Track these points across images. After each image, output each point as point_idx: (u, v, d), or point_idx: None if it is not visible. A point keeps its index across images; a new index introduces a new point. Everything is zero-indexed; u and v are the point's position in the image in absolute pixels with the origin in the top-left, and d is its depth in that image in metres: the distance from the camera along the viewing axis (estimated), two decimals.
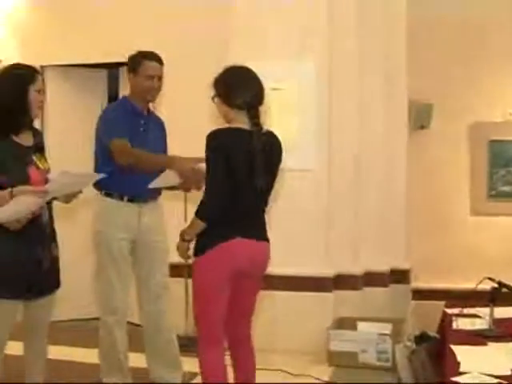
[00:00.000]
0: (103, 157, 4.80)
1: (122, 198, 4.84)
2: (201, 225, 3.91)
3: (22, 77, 4.09)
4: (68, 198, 4.19)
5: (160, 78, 4.94)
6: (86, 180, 4.26)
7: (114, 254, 4.83)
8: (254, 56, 5.92)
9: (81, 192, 4.28)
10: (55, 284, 4.26)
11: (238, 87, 4.04)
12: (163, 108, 6.13)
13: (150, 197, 4.94)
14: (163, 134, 5.16)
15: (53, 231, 4.21)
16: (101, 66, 7.28)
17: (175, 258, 5.62)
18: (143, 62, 4.89)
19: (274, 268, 5.84)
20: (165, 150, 5.13)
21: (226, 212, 3.89)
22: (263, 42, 5.99)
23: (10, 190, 3.83)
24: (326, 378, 5.41)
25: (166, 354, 5.04)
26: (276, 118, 5.79)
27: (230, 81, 4.09)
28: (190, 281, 6.18)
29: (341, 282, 6.12)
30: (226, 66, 4.14)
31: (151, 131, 4.98)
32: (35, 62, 6.77)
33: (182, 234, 4.03)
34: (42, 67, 6.95)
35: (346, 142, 6.15)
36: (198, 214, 3.91)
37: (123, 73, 5.74)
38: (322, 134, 6.01)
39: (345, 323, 5.88)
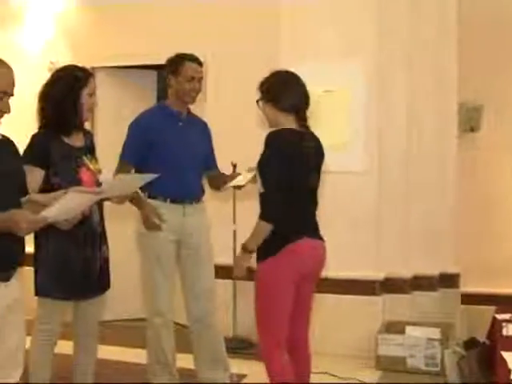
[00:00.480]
0: None
1: (165, 200, 4.84)
2: (267, 228, 3.86)
3: (76, 80, 4.14)
4: (121, 199, 4.23)
5: (200, 80, 4.94)
6: (140, 181, 4.27)
7: (159, 256, 4.84)
8: (304, 58, 5.91)
9: (136, 193, 4.34)
10: (105, 285, 4.30)
11: (287, 90, 4.05)
12: (211, 111, 6.16)
13: (193, 198, 4.93)
14: (206, 136, 5.14)
15: (103, 232, 4.25)
16: (150, 68, 7.32)
17: (222, 259, 5.67)
18: (184, 63, 4.89)
19: (323, 271, 5.87)
20: (209, 151, 5.13)
21: (287, 212, 3.88)
22: (313, 45, 5.97)
23: (64, 191, 3.87)
24: (373, 382, 5.38)
25: (213, 355, 5.04)
26: (326, 120, 5.79)
27: (279, 84, 4.09)
28: (238, 283, 6.27)
29: (390, 285, 6.07)
30: (272, 70, 4.17)
31: (192, 133, 4.96)
32: (86, 64, 6.88)
33: (246, 246, 3.95)
34: (92, 68, 7.03)
35: (396, 145, 6.10)
36: (263, 216, 3.87)
37: (168, 73, 5.75)
38: (371, 136, 5.98)
39: (393, 327, 5.83)
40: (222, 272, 5.45)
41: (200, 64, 4.96)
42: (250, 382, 5.35)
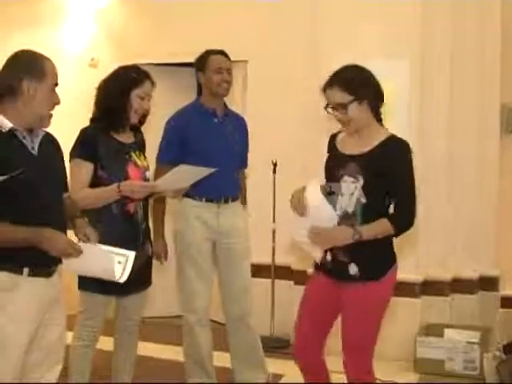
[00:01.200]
0: None
1: (200, 199, 4.83)
2: (390, 233, 3.69)
3: (129, 79, 4.17)
4: (176, 193, 4.25)
5: (228, 71, 4.92)
6: (197, 175, 4.27)
7: (193, 254, 4.84)
8: (346, 56, 5.84)
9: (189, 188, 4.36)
10: (146, 282, 4.34)
11: (380, 87, 3.78)
12: (251, 111, 6.16)
13: (229, 196, 4.91)
14: (243, 132, 5.11)
15: (147, 229, 4.29)
16: (192, 65, 7.31)
17: (260, 258, 5.66)
18: (209, 57, 4.92)
19: None
20: (244, 148, 5.11)
21: None
22: (356, 42, 5.92)
23: (117, 184, 3.93)
24: None
25: (249, 355, 5.04)
26: None
27: (375, 81, 3.77)
28: (277, 282, 6.26)
29: (429, 287, 6.03)
30: (347, 64, 3.84)
31: (228, 130, 4.94)
32: (126, 60, 6.96)
33: (362, 232, 3.61)
34: None
35: (437, 145, 6.05)
36: (404, 223, 3.72)
37: (196, 71, 5.76)
38: (413, 135, 5.91)
39: (432, 330, 5.78)
40: (261, 271, 5.44)
41: (226, 56, 4.96)
42: (286, 382, 5.33)
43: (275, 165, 5.53)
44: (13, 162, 3.23)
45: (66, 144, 3.89)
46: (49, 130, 3.52)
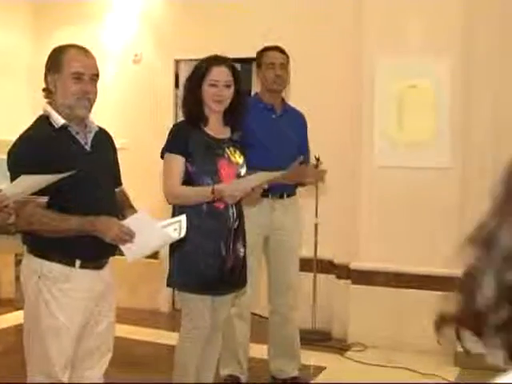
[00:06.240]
0: None
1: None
2: None
3: (197, 70, 4.06)
4: (252, 201, 4.22)
5: (283, 66, 4.97)
6: (272, 176, 4.23)
7: None
8: (389, 53, 5.89)
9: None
10: (241, 283, 4.19)
11: None
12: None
13: (285, 193, 4.94)
14: (301, 127, 5.13)
15: (240, 229, 4.09)
16: (234, 61, 7.33)
17: (303, 252, 5.70)
18: (264, 53, 5.00)
19: (404, 266, 5.83)
20: (303, 144, 5.10)
21: None
22: (399, 39, 5.93)
23: (212, 187, 3.84)
24: (452, 379, 5.34)
25: (287, 346, 5.09)
26: (411, 115, 5.76)
27: None
28: (318, 275, 6.29)
29: None
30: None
31: (285, 125, 4.97)
32: (169, 56, 7.07)
33: None
34: (176, 61, 7.14)
35: (482, 142, 6.01)
36: None
37: (255, 67, 5.81)
38: (456, 132, 5.91)
39: None
40: (303, 264, 5.48)
41: (281, 51, 5.01)
42: (329, 374, 5.37)
43: (318, 159, 5.53)
44: (66, 158, 3.32)
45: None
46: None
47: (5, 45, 7.29)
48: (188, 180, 3.95)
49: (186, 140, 3.96)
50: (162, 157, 4.04)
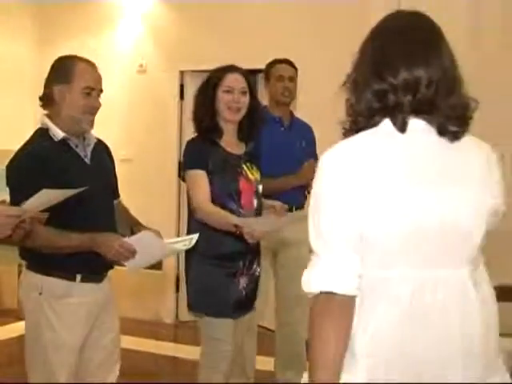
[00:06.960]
0: None
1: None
2: None
3: (210, 79, 3.85)
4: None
5: (291, 79, 4.96)
6: (297, 218, 4.21)
7: None
8: None
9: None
10: (247, 305, 3.96)
11: None
12: (302, 116, 6.14)
13: (294, 206, 4.79)
14: (310, 140, 5.08)
15: (256, 249, 3.93)
16: None
17: None
18: (274, 65, 4.99)
19: None
20: (311, 156, 4.95)
21: None
22: None
23: (235, 224, 3.56)
24: None
25: (293, 358, 5.02)
26: None
27: None
28: None
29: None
30: None
31: (294, 138, 4.95)
32: (174, 67, 7.04)
33: None
34: (181, 72, 7.11)
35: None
36: None
37: (260, 79, 5.79)
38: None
39: None
40: None
41: (290, 64, 5.01)
42: None
43: None
44: (68, 172, 3.29)
45: (115, 149, 3.87)
46: (98, 135, 3.58)
47: (8, 54, 7.28)
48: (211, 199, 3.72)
49: (206, 157, 3.72)
50: (184, 179, 3.83)
